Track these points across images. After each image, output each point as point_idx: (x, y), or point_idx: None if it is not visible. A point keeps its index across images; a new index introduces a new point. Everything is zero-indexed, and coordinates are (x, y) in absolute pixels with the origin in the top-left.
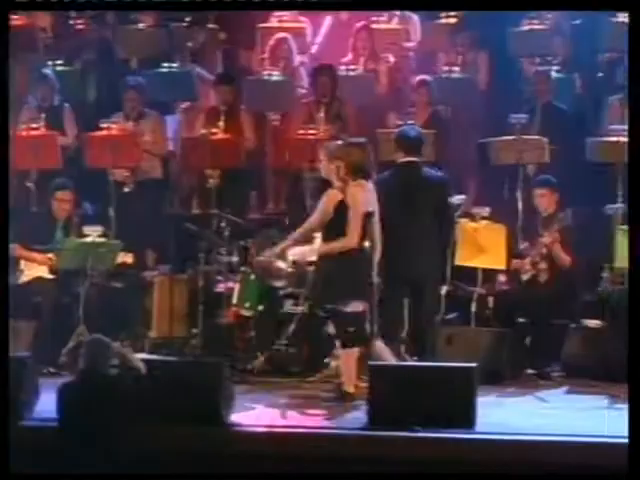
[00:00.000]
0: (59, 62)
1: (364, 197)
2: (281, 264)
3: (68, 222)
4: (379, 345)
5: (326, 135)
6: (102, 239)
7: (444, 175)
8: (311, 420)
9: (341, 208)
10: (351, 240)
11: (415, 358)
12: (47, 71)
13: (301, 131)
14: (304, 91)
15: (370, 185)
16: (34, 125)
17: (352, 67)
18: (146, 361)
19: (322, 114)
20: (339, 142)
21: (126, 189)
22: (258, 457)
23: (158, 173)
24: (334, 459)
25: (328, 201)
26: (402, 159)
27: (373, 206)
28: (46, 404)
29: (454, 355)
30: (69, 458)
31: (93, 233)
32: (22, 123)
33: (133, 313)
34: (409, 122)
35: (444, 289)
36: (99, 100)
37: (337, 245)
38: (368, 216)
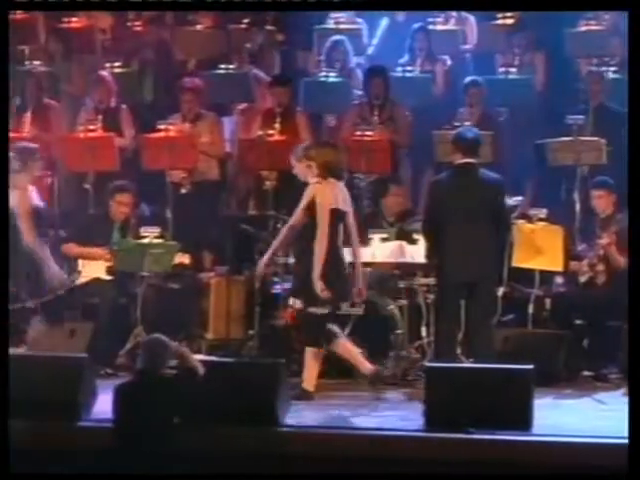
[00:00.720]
0: (117, 64)
1: (333, 195)
2: None
3: (126, 224)
4: (345, 344)
5: (379, 137)
6: (159, 240)
7: (501, 177)
8: (367, 421)
9: (312, 208)
10: (322, 236)
11: (471, 360)
12: (105, 73)
13: (357, 133)
14: (361, 93)
15: (342, 185)
16: (91, 127)
17: (408, 68)
18: (203, 362)
19: (375, 116)
20: (309, 143)
21: (183, 190)
22: (312, 458)
23: (215, 174)
24: (389, 460)
25: (305, 198)
26: (459, 160)
27: (344, 206)
28: (103, 405)
29: (511, 357)
30: (124, 458)
31: (150, 234)
32: (79, 125)
33: (190, 314)
34: (466, 123)
35: (501, 291)
36: (156, 101)
37: (321, 249)
38: (337, 214)
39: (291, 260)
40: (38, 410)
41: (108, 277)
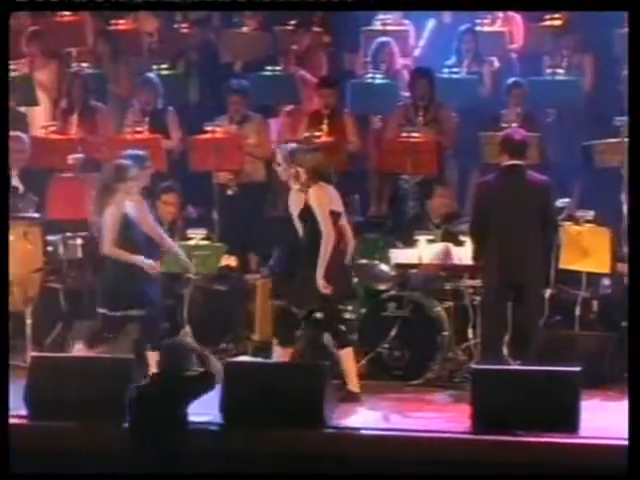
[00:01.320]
0: (164, 66)
1: (327, 197)
2: (384, 267)
3: (173, 225)
4: (352, 354)
5: (425, 138)
6: (205, 242)
7: (548, 178)
8: (414, 423)
9: (307, 213)
10: (329, 236)
11: (518, 362)
12: (151, 75)
13: (403, 134)
14: (407, 94)
15: (331, 188)
16: (138, 128)
17: (455, 70)
18: (249, 364)
19: (420, 117)
20: (295, 146)
21: (229, 192)
22: (359, 459)
23: (261, 176)
24: (436, 462)
25: (296, 206)
26: (506, 162)
27: (337, 207)
28: None
29: (558, 359)
30: (136, 460)
31: (197, 236)
32: (126, 126)
33: (236, 316)
34: (512, 125)
35: (548, 292)
36: (203, 103)
37: (326, 249)
38: (334, 215)
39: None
40: (86, 411)
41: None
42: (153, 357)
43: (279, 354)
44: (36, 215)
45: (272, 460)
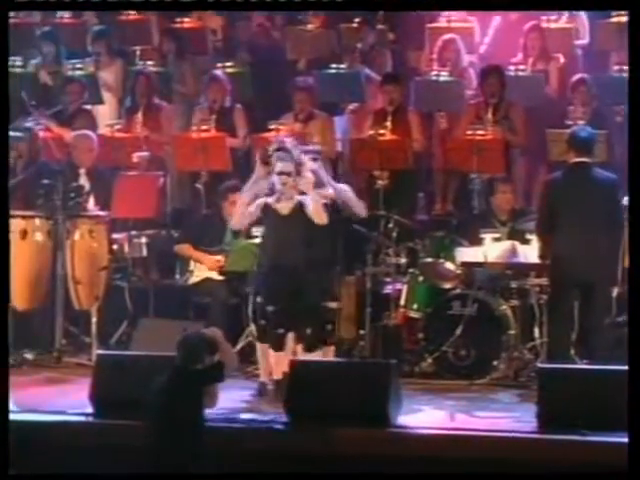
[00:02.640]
0: (229, 63)
1: None
2: (449, 266)
3: None
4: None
5: (492, 136)
6: None
7: (615, 176)
8: (480, 423)
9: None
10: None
11: (585, 361)
12: (219, 72)
13: (469, 132)
14: (472, 92)
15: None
16: (204, 127)
17: (521, 67)
18: (314, 362)
19: (490, 115)
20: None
21: None
22: (425, 459)
23: None
24: (502, 462)
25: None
26: (573, 160)
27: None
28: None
29: (625, 358)
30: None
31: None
32: (194, 124)
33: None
34: (579, 122)
35: (615, 291)
36: (267, 101)
37: None
38: None
39: (403, 260)
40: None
41: (220, 277)
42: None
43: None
44: (102, 213)
45: (336, 460)
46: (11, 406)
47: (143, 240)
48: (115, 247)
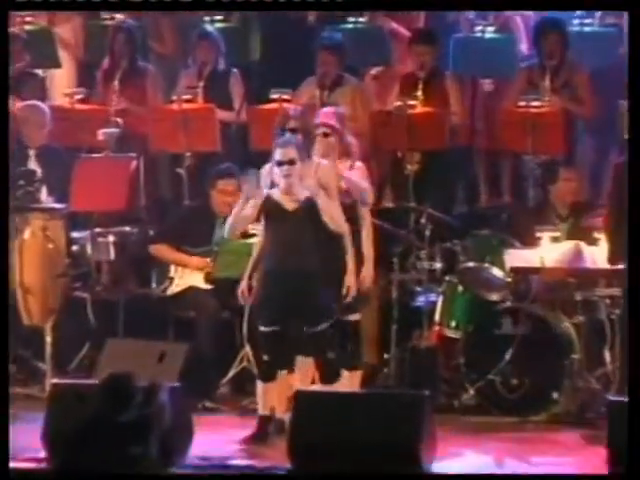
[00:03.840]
0: (217, 17)
1: None
2: (497, 272)
3: None
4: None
5: (551, 108)
6: None
7: None
8: (535, 469)
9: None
10: (369, 242)
11: None
12: (210, 28)
13: (522, 103)
14: (526, 52)
15: None
16: (188, 96)
17: (587, 21)
18: (324, 394)
19: (547, 81)
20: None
21: None
22: None
23: None
24: None
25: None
26: None
27: None
28: (201, 446)
29: None
30: None
31: (259, 232)
32: (176, 94)
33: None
34: None
35: None
36: (270, 65)
37: (369, 253)
38: None
39: (438, 265)
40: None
41: (207, 286)
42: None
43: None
44: (58, 206)
45: None
46: None
47: (110, 239)
48: (75, 248)
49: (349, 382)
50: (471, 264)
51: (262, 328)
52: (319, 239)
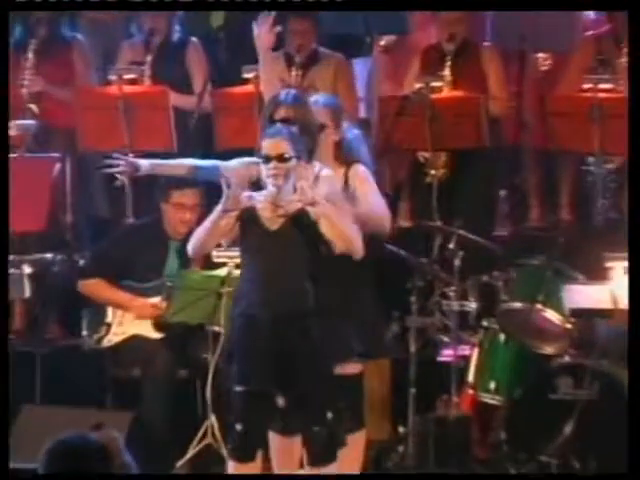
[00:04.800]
0: None
1: None
2: (552, 315)
3: (188, 242)
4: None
5: (622, 93)
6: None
7: None
8: None
9: None
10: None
11: None
12: None
13: (586, 85)
14: (592, 17)
15: None
16: (131, 75)
17: None
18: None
19: (623, 58)
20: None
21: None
22: None
23: None
24: None
25: None
26: None
27: None
28: None
29: None
30: None
31: (229, 260)
32: (113, 72)
33: None
34: None
35: None
36: (240, 36)
37: None
38: None
39: (473, 305)
40: None
41: (157, 334)
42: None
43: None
44: None
45: None
46: None
47: (26, 271)
48: None
49: (347, 450)
50: (517, 305)
51: (237, 388)
52: (316, 266)
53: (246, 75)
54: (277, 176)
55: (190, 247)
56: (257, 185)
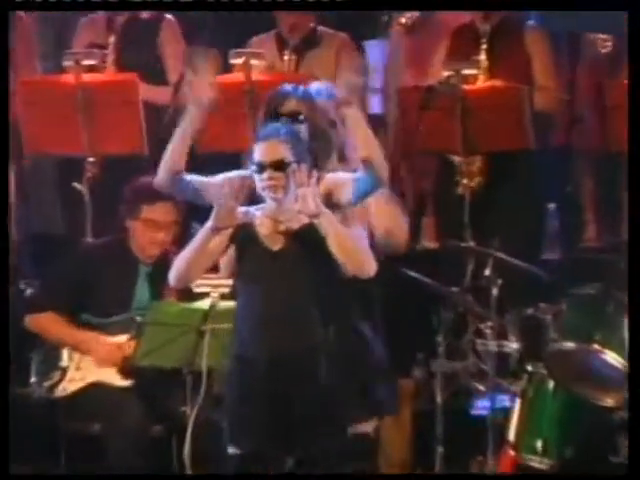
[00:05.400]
0: None
1: None
2: (613, 358)
3: (161, 266)
4: None
5: None
6: (230, 303)
7: None
8: None
9: None
10: None
11: None
12: None
13: None
14: None
15: None
16: (90, 61)
17: None
18: None
19: None
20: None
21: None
22: None
23: None
24: None
25: None
26: None
27: None
28: None
29: None
30: None
31: (213, 290)
32: (69, 58)
33: None
34: None
35: None
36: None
37: None
38: None
39: (514, 346)
40: None
41: (123, 381)
42: None
43: None
44: None
45: None
46: None
47: None
48: None
49: None
50: (569, 344)
51: (230, 450)
52: (329, 293)
53: (233, 61)
54: (275, 187)
55: (173, 274)
56: (253, 198)
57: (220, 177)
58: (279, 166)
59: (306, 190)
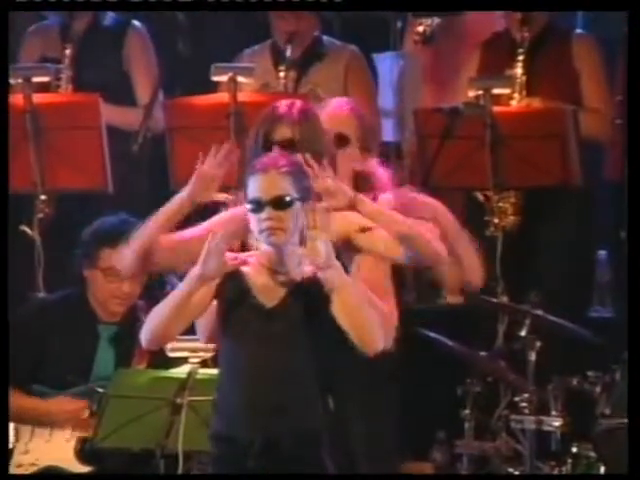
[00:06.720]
0: None
1: None
2: None
3: (128, 325)
4: None
5: None
6: (209, 371)
7: None
8: None
9: None
10: None
11: None
12: None
13: None
14: None
15: None
16: (43, 78)
17: None
18: None
19: None
20: None
21: None
22: None
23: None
24: None
25: None
26: None
27: None
28: None
29: None
30: None
31: (191, 355)
32: (17, 75)
33: None
34: None
35: None
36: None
37: None
38: None
39: (556, 423)
40: None
41: (82, 466)
42: None
43: None
44: None
45: None
46: None
47: None
48: None
49: None
50: (623, 421)
51: None
52: (334, 362)
53: (217, 78)
54: (275, 230)
55: (145, 333)
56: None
57: (205, 225)
58: (280, 204)
59: (317, 234)
